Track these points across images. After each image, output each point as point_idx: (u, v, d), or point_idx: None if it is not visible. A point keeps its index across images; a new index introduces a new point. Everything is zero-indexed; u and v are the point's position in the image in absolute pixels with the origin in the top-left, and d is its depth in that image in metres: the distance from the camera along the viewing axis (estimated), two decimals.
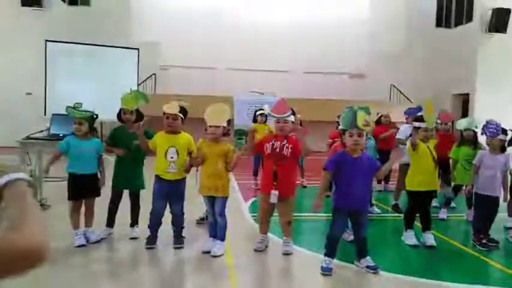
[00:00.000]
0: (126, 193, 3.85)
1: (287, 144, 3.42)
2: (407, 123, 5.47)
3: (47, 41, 9.98)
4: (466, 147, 4.55)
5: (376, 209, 5.02)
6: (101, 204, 3.79)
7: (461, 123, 4.69)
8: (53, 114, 5.29)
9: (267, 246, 3.60)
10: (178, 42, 13.39)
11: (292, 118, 3.50)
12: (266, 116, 6.43)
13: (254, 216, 4.70)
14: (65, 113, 3.68)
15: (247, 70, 13.93)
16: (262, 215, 3.61)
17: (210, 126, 3.38)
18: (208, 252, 3.39)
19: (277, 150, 3.42)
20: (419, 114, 4.15)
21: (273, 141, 3.46)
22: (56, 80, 9.91)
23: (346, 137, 3.09)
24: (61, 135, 4.83)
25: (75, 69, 10.11)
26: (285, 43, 14.02)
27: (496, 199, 3.83)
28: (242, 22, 14.28)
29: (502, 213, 4.42)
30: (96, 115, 3.65)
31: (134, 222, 3.86)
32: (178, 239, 3.60)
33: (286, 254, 3.46)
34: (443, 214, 4.82)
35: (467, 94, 11.96)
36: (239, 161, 3.44)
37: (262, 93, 11.72)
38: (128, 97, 3.77)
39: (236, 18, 14.27)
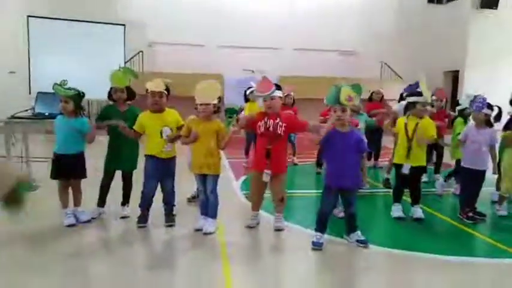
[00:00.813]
0: (118, 172, 3.82)
1: (280, 123, 3.40)
2: (400, 101, 5.43)
3: (29, 16, 9.64)
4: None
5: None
6: (93, 183, 3.76)
7: (464, 103, 4.57)
8: (38, 93, 5.16)
9: (258, 223, 3.63)
10: (166, 18, 13.07)
11: (279, 93, 3.46)
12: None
13: (245, 193, 4.72)
14: (50, 91, 3.57)
15: (237, 47, 13.72)
16: (255, 192, 3.62)
17: (200, 104, 3.32)
18: (200, 230, 3.40)
19: (271, 129, 3.40)
20: (417, 90, 4.14)
21: (265, 120, 3.43)
22: (40, 58, 9.65)
23: (331, 113, 3.13)
24: (46, 114, 4.74)
25: (60, 46, 9.84)
26: (275, 21, 13.80)
27: (482, 172, 3.89)
28: (231, 0, 13.94)
29: (490, 187, 4.52)
30: (83, 93, 3.56)
31: (125, 201, 3.84)
32: (170, 217, 3.60)
33: (278, 229, 3.50)
34: (456, 190, 4.81)
35: (458, 71, 11.99)
36: (231, 140, 3.41)
37: (253, 71, 11.59)
38: (118, 74, 3.66)
39: None
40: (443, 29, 12.22)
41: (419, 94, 3.89)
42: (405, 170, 3.83)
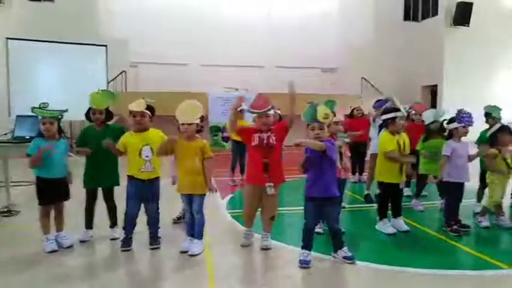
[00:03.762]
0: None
1: (272, 135, 3.45)
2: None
3: (8, 38, 9.52)
4: (433, 139, 4.63)
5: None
6: (78, 206, 3.68)
7: (429, 117, 4.69)
8: (17, 116, 5.05)
9: (252, 242, 3.59)
10: (148, 38, 13.13)
11: (272, 112, 3.52)
12: (242, 111, 6.39)
13: (232, 213, 4.68)
14: (30, 114, 3.51)
15: (220, 66, 13.84)
16: (248, 206, 3.59)
17: (182, 124, 3.32)
18: (186, 251, 3.34)
19: (265, 141, 3.43)
20: (391, 105, 4.24)
21: (258, 134, 3.45)
22: (20, 80, 9.48)
23: (309, 130, 3.19)
24: (27, 137, 4.64)
25: (41, 68, 9.71)
26: (256, 39, 14.04)
27: (463, 185, 3.98)
28: (212, 18, 14.16)
29: (471, 199, 4.61)
30: (65, 110, 3.50)
31: (113, 223, 3.78)
32: (155, 240, 3.53)
33: (265, 248, 3.47)
34: (419, 206, 4.89)
35: (436, 85, 12.35)
36: (212, 163, 3.43)
37: (236, 89, 11.68)
38: (96, 96, 3.65)
39: (205, 14, 14.13)
40: (420, 45, 12.63)
41: (397, 110, 3.98)
42: (402, 186, 3.95)
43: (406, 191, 5.47)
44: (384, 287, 2.90)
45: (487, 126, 4.58)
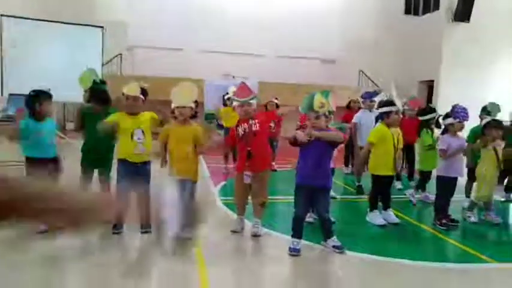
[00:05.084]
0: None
1: (254, 122, 3.48)
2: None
3: (1, 15, 9.34)
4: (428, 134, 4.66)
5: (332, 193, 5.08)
6: None
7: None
8: (9, 95, 5.00)
9: (243, 228, 3.62)
10: (146, 22, 12.95)
11: (255, 101, 3.52)
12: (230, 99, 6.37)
13: (224, 200, 4.69)
14: (23, 92, 3.47)
15: (218, 53, 13.71)
16: (237, 194, 3.63)
17: (176, 107, 3.30)
18: None
19: (247, 130, 3.47)
20: (388, 99, 4.23)
21: (240, 125, 3.50)
22: (13, 59, 9.32)
23: (307, 122, 3.24)
24: None
25: (35, 48, 9.54)
26: (257, 27, 13.88)
27: (456, 180, 4.01)
28: (212, 4, 13.95)
29: (460, 195, 4.65)
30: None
31: None
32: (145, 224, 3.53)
33: (255, 235, 3.49)
34: (412, 198, 4.91)
35: (432, 81, 12.35)
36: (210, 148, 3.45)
37: (233, 77, 11.60)
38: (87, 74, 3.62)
39: (207, 0, 13.93)
40: (419, 40, 12.57)
41: (393, 104, 3.98)
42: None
43: (398, 185, 5.52)
44: (372, 277, 2.94)
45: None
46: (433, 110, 4.71)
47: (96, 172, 3.76)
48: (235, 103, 3.60)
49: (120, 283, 2.65)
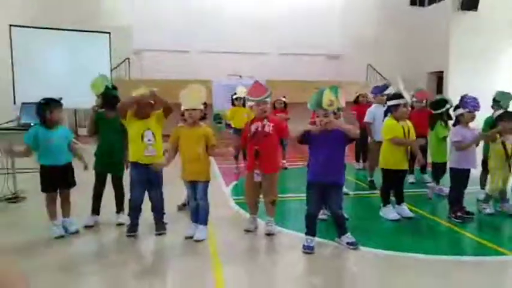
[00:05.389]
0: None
1: (268, 123, 3.48)
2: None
3: (11, 25, 9.48)
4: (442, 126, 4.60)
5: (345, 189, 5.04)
6: (85, 192, 3.73)
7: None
8: (22, 103, 5.08)
9: (256, 228, 3.63)
10: (151, 25, 13.02)
11: (270, 99, 3.54)
12: (243, 98, 6.39)
13: (236, 199, 4.71)
14: (35, 101, 3.53)
15: (223, 53, 13.72)
16: (248, 193, 3.65)
17: (186, 109, 3.32)
18: (191, 237, 3.38)
19: (259, 129, 3.47)
20: (395, 92, 4.20)
21: (253, 125, 3.51)
22: (24, 68, 9.46)
23: (315, 117, 3.20)
24: (32, 124, 4.66)
25: (44, 56, 9.67)
26: (259, 26, 13.85)
27: (469, 171, 3.96)
28: (214, 5, 13.96)
29: (475, 186, 4.60)
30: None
31: (119, 208, 3.83)
32: (160, 226, 3.57)
33: (269, 234, 3.50)
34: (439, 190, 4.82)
35: (442, 72, 12.19)
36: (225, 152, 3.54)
37: (240, 76, 11.61)
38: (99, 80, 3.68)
39: (210, 1, 13.95)
40: (426, 31, 12.42)
41: (401, 97, 3.95)
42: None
43: (411, 178, 5.48)
44: (387, 272, 2.93)
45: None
46: (446, 102, 4.65)
47: (109, 176, 3.83)
48: (250, 103, 3.62)
49: (135, 284, 2.69)
